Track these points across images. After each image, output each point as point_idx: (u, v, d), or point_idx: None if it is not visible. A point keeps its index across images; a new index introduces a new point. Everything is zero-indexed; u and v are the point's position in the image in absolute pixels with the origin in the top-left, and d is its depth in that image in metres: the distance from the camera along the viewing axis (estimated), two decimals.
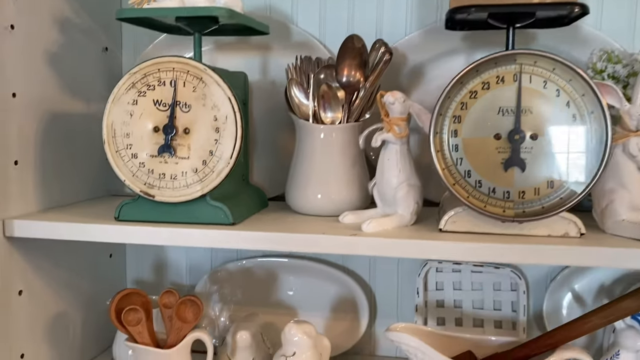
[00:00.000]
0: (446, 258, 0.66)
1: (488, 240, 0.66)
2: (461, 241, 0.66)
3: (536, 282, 0.95)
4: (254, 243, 0.71)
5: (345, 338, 0.99)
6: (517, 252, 0.65)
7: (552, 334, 0.76)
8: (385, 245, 0.67)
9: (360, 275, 1.01)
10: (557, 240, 0.66)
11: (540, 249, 0.64)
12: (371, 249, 0.68)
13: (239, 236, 0.71)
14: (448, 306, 0.98)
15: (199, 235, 0.72)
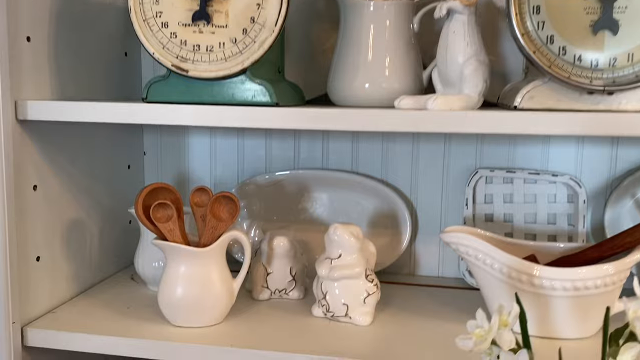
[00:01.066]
0: (526, 131, 0.57)
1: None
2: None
3: (594, 195, 0.87)
4: (306, 121, 0.62)
5: (383, 256, 0.91)
6: (609, 123, 0.56)
7: (632, 232, 0.68)
8: (458, 119, 0.59)
9: (401, 188, 0.93)
10: None
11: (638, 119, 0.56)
12: (440, 124, 0.59)
13: (286, 113, 0.62)
14: (497, 221, 0.90)
15: (240, 113, 0.63)
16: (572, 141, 0.87)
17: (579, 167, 0.87)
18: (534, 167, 0.89)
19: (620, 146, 0.86)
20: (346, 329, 0.71)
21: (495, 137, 0.89)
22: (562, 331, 0.68)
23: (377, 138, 0.92)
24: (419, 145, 0.92)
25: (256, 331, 0.70)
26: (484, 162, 0.90)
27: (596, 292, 0.65)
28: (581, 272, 0.64)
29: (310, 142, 0.94)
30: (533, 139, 0.88)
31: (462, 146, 0.90)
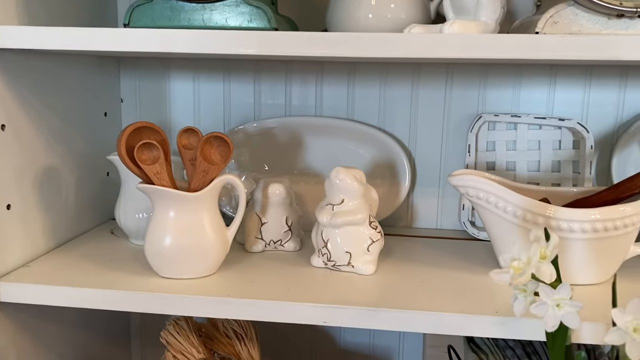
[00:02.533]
0: (551, 56, 0.53)
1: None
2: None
3: (601, 141, 0.84)
4: (314, 46, 0.55)
5: (380, 207, 0.86)
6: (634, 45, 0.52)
7: None
8: (476, 43, 0.53)
9: (399, 136, 0.88)
10: None
11: None
12: (459, 48, 0.54)
13: (291, 38, 0.56)
14: (499, 169, 0.86)
15: (235, 37, 0.56)
16: (578, 85, 0.83)
17: (585, 113, 0.84)
18: (539, 112, 0.84)
19: (627, 90, 0.82)
20: (349, 278, 0.67)
21: (499, 81, 0.84)
22: (579, 276, 0.64)
23: (374, 83, 0.87)
24: (418, 91, 0.86)
25: (253, 282, 0.65)
26: (487, 108, 0.86)
27: (615, 235, 0.62)
28: (601, 213, 0.61)
29: (302, 88, 0.88)
30: (538, 82, 0.84)
31: (464, 91, 0.85)
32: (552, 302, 0.39)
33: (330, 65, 0.87)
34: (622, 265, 0.68)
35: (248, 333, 0.77)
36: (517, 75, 0.84)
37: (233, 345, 0.77)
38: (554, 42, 0.53)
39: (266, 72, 0.89)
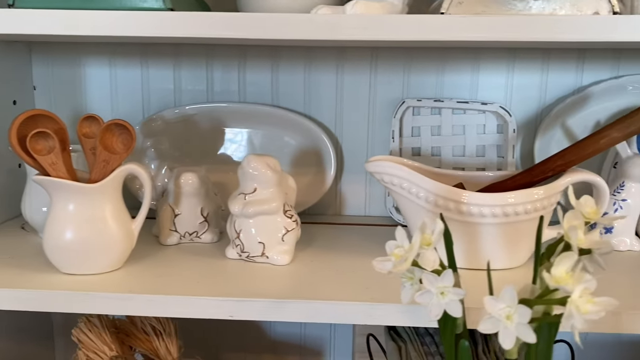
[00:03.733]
0: (453, 37, 0.51)
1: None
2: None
3: (525, 124, 0.84)
4: (208, 28, 0.53)
5: (307, 195, 0.85)
6: (541, 26, 0.51)
7: (563, 154, 0.64)
8: (377, 24, 0.52)
9: (325, 122, 0.86)
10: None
11: (571, 20, 0.51)
12: (360, 29, 0.52)
13: (184, 19, 0.53)
14: (425, 154, 0.85)
15: (126, 19, 0.53)
16: (502, 69, 0.83)
17: (508, 96, 0.83)
18: (463, 96, 0.84)
19: (550, 73, 0.82)
20: (263, 270, 0.64)
21: (423, 66, 0.83)
22: (492, 261, 0.63)
23: (299, 68, 0.85)
24: (343, 76, 0.84)
25: (161, 277, 0.62)
26: (411, 93, 0.84)
27: (526, 218, 0.61)
28: (510, 197, 0.60)
29: (224, 74, 0.85)
30: (462, 66, 0.83)
31: (388, 76, 0.84)
32: (436, 290, 0.38)
33: (252, 49, 0.85)
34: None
35: (167, 328, 0.74)
36: (441, 59, 0.83)
37: (151, 341, 0.74)
38: (448, 23, 0.52)
39: (186, 56, 0.85)
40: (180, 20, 0.54)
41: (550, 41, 0.53)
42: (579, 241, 0.37)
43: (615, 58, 0.81)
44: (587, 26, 0.52)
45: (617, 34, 0.51)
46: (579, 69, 0.82)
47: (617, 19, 0.52)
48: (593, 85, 0.80)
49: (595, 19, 0.52)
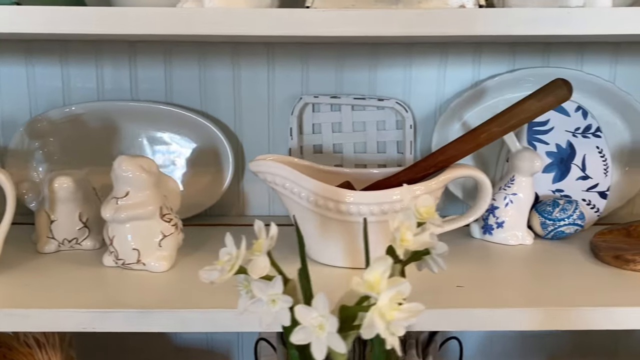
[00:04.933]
0: (317, 32, 0.50)
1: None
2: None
3: (424, 119, 0.83)
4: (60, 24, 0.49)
5: (206, 196, 0.82)
6: (406, 20, 0.50)
7: (444, 150, 0.64)
8: (233, 18, 0.49)
9: (223, 120, 0.83)
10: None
11: (435, 14, 0.50)
12: (214, 25, 0.49)
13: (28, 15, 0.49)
14: (327, 152, 0.84)
15: None
16: (399, 64, 0.82)
17: (407, 92, 0.83)
18: (362, 92, 0.82)
19: (447, 68, 0.82)
20: (138, 277, 0.61)
21: (321, 62, 0.81)
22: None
23: (193, 64, 0.81)
24: (240, 72, 0.82)
25: (26, 288, 0.58)
26: (310, 89, 0.82)
27: None
28: (388, 194, 0.59)
29: (115, 70, 0.81)
30: (360, 62, 0.81)
31: (287, 72, 0.82)
32: (267, 298, 0.36)
33: (143, 45, 0.81)
34: None
35: (50, 340, 0.71)
36: (339, 55, 0.81)
37: (33, 355, 0.70)
38: (312, 17, 0.50)
39: (74, 53, 0.81)
40: (27, 16, 0.50)
41: (413, 35, 0.51)
42: (407, 243, 0.36)
43: (511, 52, 0.81)
44: (452, 19, 0.51)
45: (478, 27, 0.50)
46: (476, 63, 0.81)
47: (480, 12, 0.51)
48: (489, 79, 0.80)
49: (461, 12, 0.51)
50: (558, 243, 0.73)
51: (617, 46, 0.81)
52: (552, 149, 0.77)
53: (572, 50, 0.81)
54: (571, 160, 0.77)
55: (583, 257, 0.68)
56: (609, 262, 0.65)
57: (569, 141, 0.76)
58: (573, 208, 0.72)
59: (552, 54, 0.81)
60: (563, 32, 0.49)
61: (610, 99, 0.80)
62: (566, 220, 0.72)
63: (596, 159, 0.76)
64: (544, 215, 0.73)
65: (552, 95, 0.60)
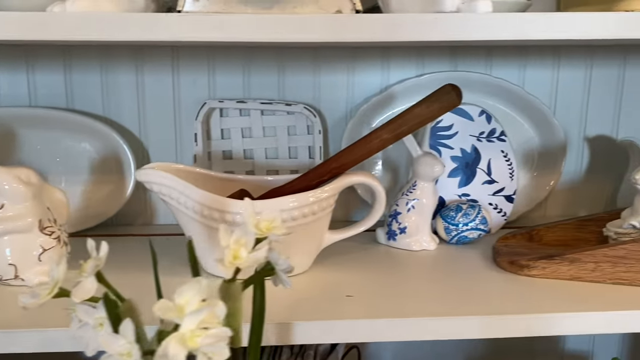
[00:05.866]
0: (187, 37, 0.48)
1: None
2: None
3: (335, 124, 0.82)
4: None
5: (108, 204, 0.79)
6: (276, 25, 0.48)
7: (337, 157, 0.63)
8: (93, 23, 0.47)
9: (128, 126, 0.81)
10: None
11: (306, 20, 0.49)
12: (76, 29, 0.47)
13: None
14: (237, 157, 0.82)
15: None
16: (308, 68, 0.80)
17: (317, 96, 0.81)
18: (271, 96, 0.81)
19: (356, 72, 0.81)
20: (15, 294, 0.58)
21: (228, 66, 0.79)
22: None
23: (94, 68, 0.78)
24: (143, 77, 0.79)
25: None
26: (218, 94, 0.80)
27: (296, 224, 0.59)
28: (269, 204, 0.57)
29: (11, 75, 0.78)
30: (268, 66, 0.80)
31: (193, 76, 0.80)
32: (93, 322, 0.34)
33: (41, 49, 0.78)
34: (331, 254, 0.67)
35: None
36: (247, 59, 0.79)
37: None
38: (179, 22, 0.48)
39: None
40: None
41: (285, 42, 0.50)
42: (239, 261, 0.35)
43: (419, 56, 0.81)
44: (325, 25, 0.50)
45: (350, 33, 0.49)
46: (385, 68, 0.81)
47: (353, 18, 0.50)
48: (397, 84, 0.80)
49: (333, 18, 0.50)
50: (462, 248, 0.73)
51: (525, 50, 0.82)
52: (457, 154, 0.77)
53: (480, 54, 0.81)
54: (476, 164, 0.77)
55: (482, 262, 0.68)
56: (504, 268, 0.65)
57: (473, 145, 0.76)
58: (475, 213, 0.72)
59: (460, 58, 0.81)
60: (435, 37, 0.49)
61: (518, 103, 0.81)
62: (469, 225, 0.72)
63: (501, 163, 0.77)
64: (447, 220, 0.72)
65: (441, 101, 0.60)
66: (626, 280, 0.60)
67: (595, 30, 0.48)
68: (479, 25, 0.49)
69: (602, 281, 0.61)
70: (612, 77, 0.83)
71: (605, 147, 0.85)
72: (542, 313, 0.55)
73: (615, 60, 0.82)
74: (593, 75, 0.83)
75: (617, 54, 0.82)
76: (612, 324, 0.55)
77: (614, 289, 0.60)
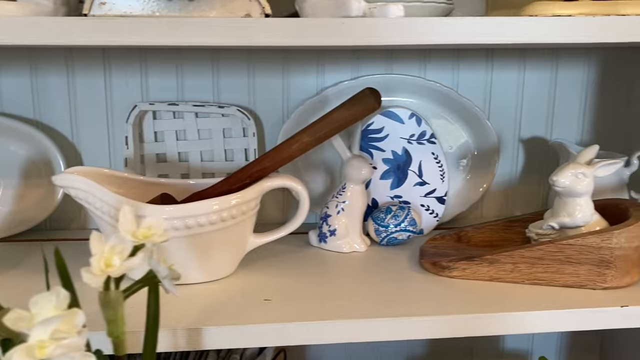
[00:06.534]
0: (96, 42, 0.47)
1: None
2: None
3: (272, 126, 0.82)
4: None
5: (39, 209, 0.78)
6: (174, 28, 0.48)
7: (260, 160, 0.63)
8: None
9: (60, 130, 0.80)
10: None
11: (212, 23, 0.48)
12: None
13: None
14: (172, 160, 0.81)
15: None
16: (242, 70, 0.80)
17: (252, 98, 0.81)
18: (206, 99, 0.80)
19: (290, 75, 0.81)
20: None
21: (161, 68, 0.79)
22: (191, 275, 0.61)
23: (23, 70, 0.77)
24: (74, 79, 0.78)
25: None
26: (151, 96, 0.80)
27: (213, 229, 0.59)
28: (190, 208, 0.57)
29: None
30: (202, 68, 0.79)
31: (125, 79, 0.79)
32: None
33: None
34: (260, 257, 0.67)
35: None
36: (179, 60, 0.79)
37: None
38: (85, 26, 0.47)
39: None
40: None
41: (186, 45, 0.50)
42: (112, 269, 0.34)
43: (355, 59, 0.81)
44: (229, 29, 0.49)
45: (253, 37, 0.49)
46: (320, 71, 0.81)
47: (261, 22, 0.50)
48: (332, 87, 0.80)
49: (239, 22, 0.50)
50: (392, 249, 0.73)
51: (458, 53, 0.82)
52: (389, 156, 0.77)
53: (415, 57, 0.82)
54: (408, 166, 0.77)
55: (408, 264, 0.69)
56: (428, 269, 0.66)
57: (404, 148, 0.77)
58: (404, 214, 0.72)
59: (396, 61, 0.82)
60: (338, 42, 0.49)
61: (452, 106, 0.82)
62: (398, 226, 0.72)
63: (432, 165, 0.77)
64: (377, 222, 0.73)
65: (359, 105, 0.60)
66: (543, 280, 0.61)
67: (492, 35, 0.49)
68: (382, 30, 0.49)
69: (520, 282, 0.62)
70: (544, 79, 0.84)
71: (539, 148, 0.86)
72: (456, 314, 0.56)
73: (547, 62, 0.84)
74: (526, 78, 0.84)
75: (549, 57, 0.83)
76: (523, 324, 0.56)
77: (531, 290, 0.61)
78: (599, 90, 0.85)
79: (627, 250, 0.59)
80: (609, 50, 0.84)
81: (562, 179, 0.61)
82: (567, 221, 0.62)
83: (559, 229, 0.63)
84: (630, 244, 0.59)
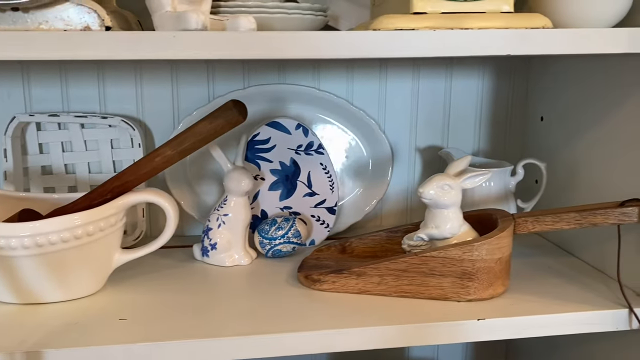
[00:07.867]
0: None
1: None
2: None
3: (162, 135, 0.80)
4: None
5: None
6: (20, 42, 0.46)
7: (120, 175, 0.61)
8: None
9: None
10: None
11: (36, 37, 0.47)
12: None
13: None
14: (58, 173, 0.79)
15: None
16: (129, 81, 0.78)
17: (140, 108, 0.80)
18: (92, 109, 0.78)
19: (180, 85, 0.79)
20: None
21: (44, 78, 0.77)
22: (44, 295, 0.59)
23: None
24: None
25: None
26: (35, 107, 0.77)
27: (67, 247, 0.57)
28: (40, 226, 0.55)
29: None
30: (86, 78, 0.77)
31: (6, 89, 0.76)
32: None
33: None
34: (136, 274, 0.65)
35: None
36: (63, 71, 0.77)
37: None
38: None
39: None
40: None
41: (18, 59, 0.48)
42: None
43: (244, 69, 0.80)
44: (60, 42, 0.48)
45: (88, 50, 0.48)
46: (210, 80, 0.80)
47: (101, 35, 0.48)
48: (220, 97, 0.79)
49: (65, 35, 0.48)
50: (277, 262, 0.72)
51: (351, 63, 0.82)
52: (277, 167, 0.77)
53: (308, 67, 0.81)
54: (297, 177, 0.77)
55: (287, 277, 0.68)
56: (302, 282, 0.65)
57: (292, 158, 0.76)
58: (289, 226, 0.72)
59: (289, 71, 0.81)
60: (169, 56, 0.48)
61: (346, 116, 0.81)
62: (282, 238, 0.71)
63: (321, 176, 0.77)
64: (262, 234, 0.72)
65: (222, 118, 0.59)
66: (409, 292, 0.61)
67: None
68: (213, 43, 0.48)
69: (387, 294, 0.62)
70: (439, 88, 0.84)
71: (435, 157, 0.86)
72: (318, 330, 0.55)
73: (442, 71, 0.84)
74: (420, 87, 0.84)
75: (443, 66, 0.84)
76: (384, 338, 0.56)
77: (397, 302, 0.60)
78: (494, 99, 0.86)
79: (489, 262, 0.59)
80: (501, 59, 0.85)
81: (428, 191, 0.61)
82: (435, 233, 0.62)
83: (429, 240, 0.63)
84: (491, 256, 0.59)
